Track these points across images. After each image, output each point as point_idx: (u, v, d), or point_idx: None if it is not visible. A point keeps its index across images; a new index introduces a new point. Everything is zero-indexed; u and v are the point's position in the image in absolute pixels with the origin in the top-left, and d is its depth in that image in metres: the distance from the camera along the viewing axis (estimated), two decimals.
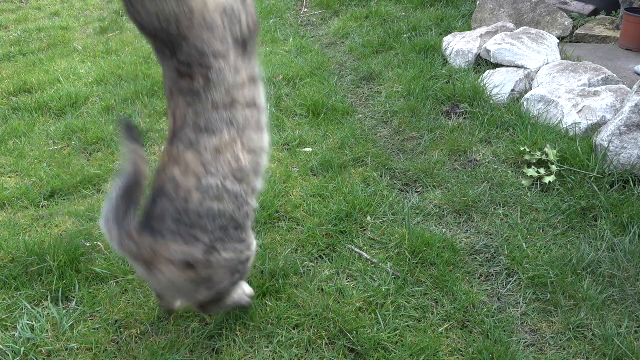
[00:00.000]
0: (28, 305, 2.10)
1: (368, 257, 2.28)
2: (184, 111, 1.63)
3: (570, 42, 4.21)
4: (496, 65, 3.73)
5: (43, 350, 1.93)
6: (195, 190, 1.58)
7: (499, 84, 3.46)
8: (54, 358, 1.91)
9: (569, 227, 2.39)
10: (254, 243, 1.78)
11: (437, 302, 2.08)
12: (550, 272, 2.14)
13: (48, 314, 2.07)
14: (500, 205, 2.56)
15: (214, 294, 1.75)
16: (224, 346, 1.93)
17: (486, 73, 3.62)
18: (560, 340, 1.91)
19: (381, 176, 2.81)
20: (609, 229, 2.33)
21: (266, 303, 2.08)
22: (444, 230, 2.44)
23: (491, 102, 3.37)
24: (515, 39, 3.79)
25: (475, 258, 2.29)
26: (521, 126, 3.06)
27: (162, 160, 1.68)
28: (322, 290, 2.14)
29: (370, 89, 3.77)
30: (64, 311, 2.09)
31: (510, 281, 2.16)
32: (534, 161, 2.75)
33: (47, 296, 2.15)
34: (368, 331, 1.94)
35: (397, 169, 2.86)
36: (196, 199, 1.58)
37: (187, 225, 1.59)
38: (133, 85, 3.94)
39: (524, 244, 2.31)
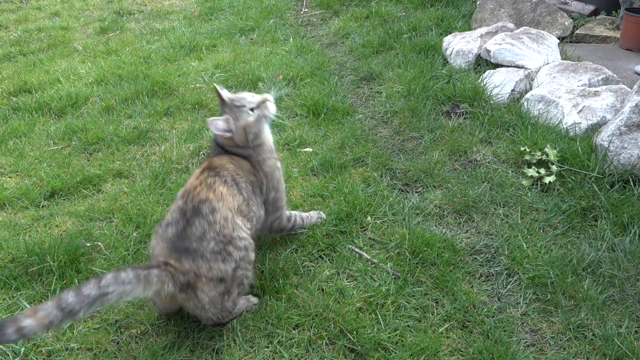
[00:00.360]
0: (28, 306, 2.10)
1: (368, 257, 2.28)
2: (225, 161, 2.04)
3: (570, 42, 4.21)
4: (496, 65, 3.73)
5: (43, 350, 1.93)
6: (230, 221, 1.88)
7: (499, 84, 3.46)
8: (54, 358, 1.91)
9: (569, 227, 2.39)
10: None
11: (437, 302, 2.08)
12: (551, 272, 2.14)
13: None
14: (500, 205, 2.56)
15: (231, 302, 1.92)
16: (224, 346, 1.93)
17: (486, 73, 3.62)
18: (561, 340, 1.91)
19: (381, 176, 2.81)
20: (609, 229, 2.33)
21: (266, 303, 2.08)
22: (444, 230, 2.44)
23: (491, 102, 3.37)
24: (515, 39, 3.78)
25: (476, 258, 2.29)
26: (521, 126, 3.06)
27: (192, 183, 1.96)
28: (322, 290, 2.14)
29: (371, 89, 3.77)
30: None
31: (511, 281, 2.16)
32: (534, 161, 2.75)
33: (47, 296, 2.15)
34: (368, 331, 1.94)
35: (397, 169, 2.86)
36: (230, 227, 1.87)
37: (224, 244, 1.83)
38: (133, 85, 3.94)
39: (524, 244, 2.31)
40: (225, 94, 2.10)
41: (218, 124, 2.02)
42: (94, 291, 1.59)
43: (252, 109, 2.06)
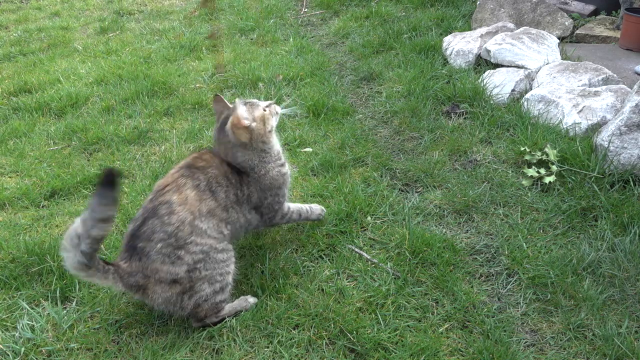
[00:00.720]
0: (27, 306, 2.10)
1: (368, 257, 2.28)
2: (212, 163, 2.01)
3: (570, 42, 4.21)
4: (496, 65, 3.73)
5: (43, 350, 1.93)
6: (188, 224, 1.86)
7: (499, 84, 3.46)
8: (54, 358, 1.91)
9: (569, 227, 2.39)
10: (232, 258, 2.01)
11: (437, 302, 2.08)
12: (551, 272, 2.14)
13: (48, 314, 2.07)
14: (500, 205, 2.56)
15: (196, 301, 1.92)
16: (224, 346, 1.93)
17: (486, 73, 3.62)
18: (561, 340, 1.91)
19: (381, 176, 2.81)
20: (609, 229, 2.33)
21: (266, 303, 2.08)
22: (444, 230, 2.44)
23: (491, 102, 3.36)
24: (515, 39, 3.78)
25: (476, 258, 2.29)
26: (521, 126, 3.06)
27: (166, 180, 1.97)
28: (322, 290, 2.14)
29: (371, 89, 3.77)
30: (64, 311, 2.09)
31: (511, 281, 2.16)
32: (534, 161, 2.75)
33: (47, 296, 2.15)
34: (368, 331, 1.94)
35: (397, 169, 2.86)
36: (187, 230, 1.86)
37: (173, 247, 1.82)
38: (133, 85, 3.94)
39: (524, 244, 2.31)
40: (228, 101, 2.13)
41: (242, 110, 1.98)
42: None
43: (264, 108, 2.09)
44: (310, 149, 3.06)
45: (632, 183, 2.56)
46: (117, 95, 3.83)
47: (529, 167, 2.73)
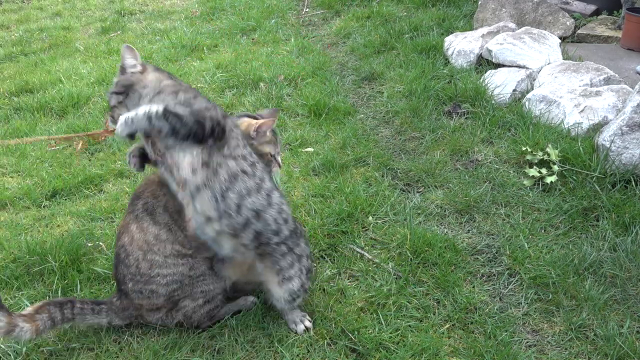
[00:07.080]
0: (29, 305, 2.10)
1: (369, 257, 2.28)
2: (150, 181, 1.96)
3: (572, 42, 4.21)
4: (498, 65, 3.73)
5: (45, 351, 1.93)
6: (143, 260, 1.88)
7: (501, 83, 3.45)
8: (56, 358, 1.91)
9: (570, 227, 2.39)
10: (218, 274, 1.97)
11: (438, 302, 2.08)
12: (552, 272, 2.14)
13: None
14: (501, 205, 2.56)
15: (184, 314, 1.96)
16: (225, 346, 1.93)
17: (488, 73, 3.62)
18: (562, 341, 1.91)
19: (383, 176, 2.81)
20: (611, 229, 2.33)
21: (267, 302, 2.07)
22: (445, 230, 2.44)
23: (493, 102, 3.36)
24: (516, 39, 3.78)
25: (477, 258, 2.28)
26: (523, 126, 3.05)
27: (123, 221, 1.99)
28: (324, 290, 2.14)
29: (372, 88, 3.77)
30: None
31: (512, 281, 2.16)
32: (536, 161, 2.74)
33: (49, 296, 2.15)
34: (369, 331, 1.94)
35: (399, 168, 2.86)
36: (145, 266, 1.88)
37: (143, 284, 1.88)
38: None
39: (526, 244, 2.30)
40: None
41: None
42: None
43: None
44: (312, 149, 3.06)
45: (633, 183, 2.56)
46: None
47: (531, 167, 2.72)
